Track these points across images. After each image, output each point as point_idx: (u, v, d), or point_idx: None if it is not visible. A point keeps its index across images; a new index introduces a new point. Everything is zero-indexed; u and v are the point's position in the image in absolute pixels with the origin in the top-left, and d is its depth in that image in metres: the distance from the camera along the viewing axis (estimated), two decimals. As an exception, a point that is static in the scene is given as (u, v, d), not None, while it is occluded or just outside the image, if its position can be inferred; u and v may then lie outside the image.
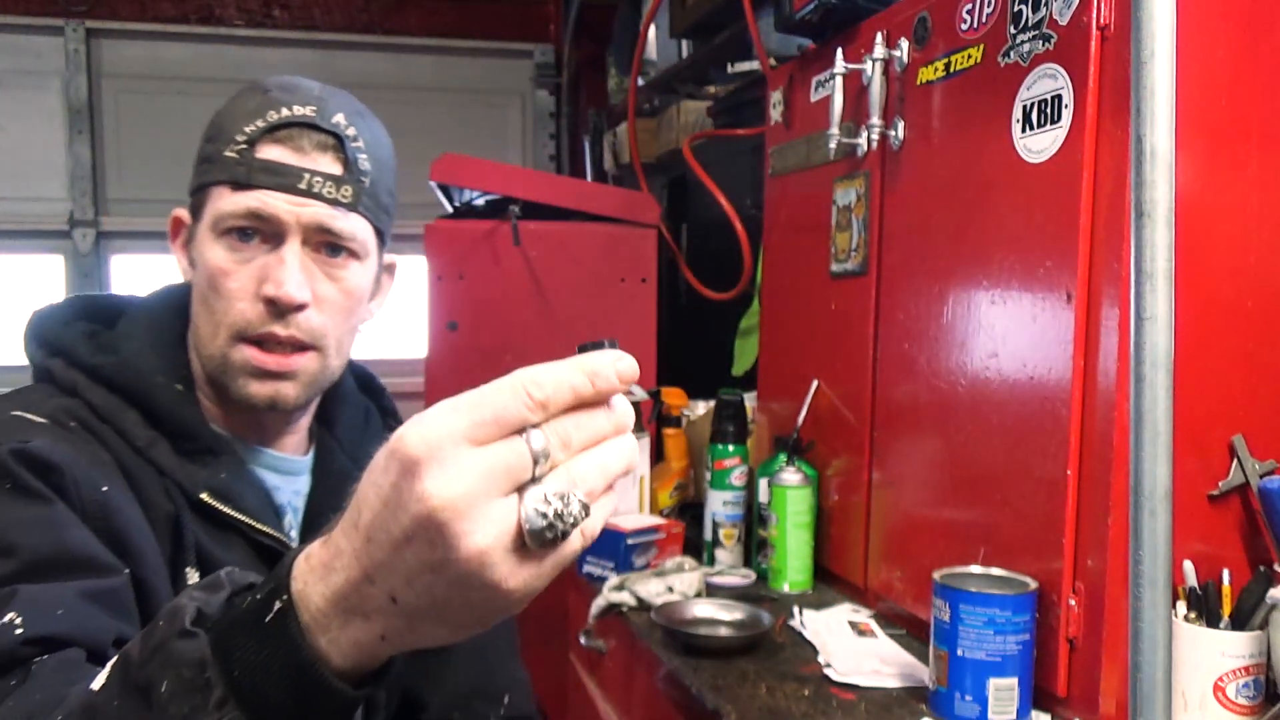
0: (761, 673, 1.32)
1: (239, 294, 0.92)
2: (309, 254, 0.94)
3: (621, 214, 2.30)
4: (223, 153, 0.92)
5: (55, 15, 3.45)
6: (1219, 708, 1.08)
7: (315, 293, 0.94)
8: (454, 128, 3.74)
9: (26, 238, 3.52)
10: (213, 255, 0.93)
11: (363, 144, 0.95)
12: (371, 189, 0.96)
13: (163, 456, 0.91)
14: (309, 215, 0.92)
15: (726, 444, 1.78)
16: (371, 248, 0.98)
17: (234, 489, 0.93)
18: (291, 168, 0.91)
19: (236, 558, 0.91)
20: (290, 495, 1.01)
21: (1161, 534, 0.98)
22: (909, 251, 1.46)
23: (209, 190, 0.94)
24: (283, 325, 0.93)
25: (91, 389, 0.92)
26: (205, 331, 0.95)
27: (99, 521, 0.83)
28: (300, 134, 0.92)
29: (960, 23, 1.33)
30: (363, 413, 1.12)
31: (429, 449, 0.51)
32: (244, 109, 0.94)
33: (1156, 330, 0.98)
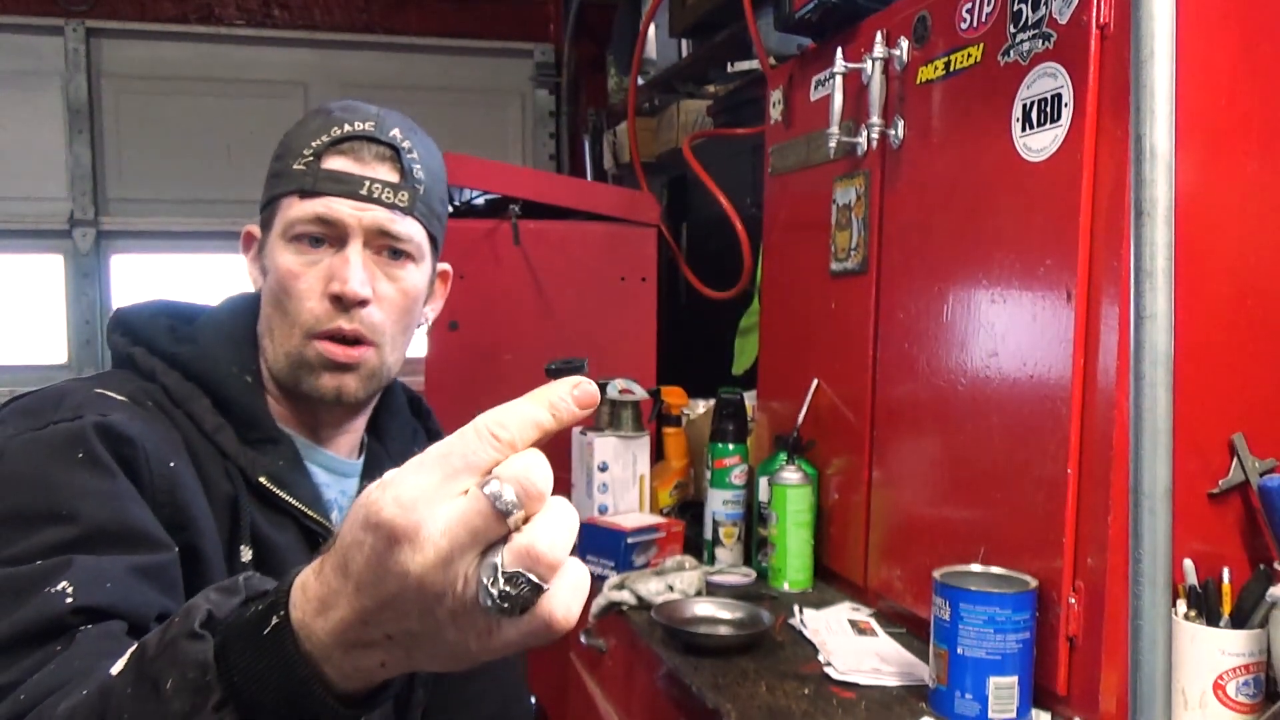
0: (762, 671, 1.33)
1: (308, 293, 1.01)
2: (370, 256, 1.03)
3: (621, 213, 2.29)
4: (291, 166, 1.02)
5: (55, 15, 3.44)
6: (1219, 706, 1.08)
7: (376, 291, 1.03)
8: (454, 128, 3.74)
9: (26, 237, 3.52)
10: (283, 260, 1.02)
11: (417, 155, 1.05)
12: (425, 196, 1.05)
13: (228, 441, 0.99)
14: (370, 218, 1.01)
15: (726, 443, 1.78)
16: (426, 252, 1.08)
17: (290, 477, 1.01)
18: (354, 176, 1.01)
19: (288, 540, 0.99)
20: (337, 494, 1.09)
21: (1161, 532, 0.98)
22: (909, 251, 1.46)
23: (279, 201, 1.03)
24: (347, 319, 1.01)
25: (168, 374, 1.00)
26: (280, 331, 1.03)
27: (164, 494, 0.90)
28: (361, 146, 1.02)
29: (960, 22, 1.33)
30: (410, 431, 1.22)
31: (405, 515, 0.51)
32: (310, 128, 1.04)
33: (1156, 329, 0.98)
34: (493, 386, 2.25)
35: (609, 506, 1.91)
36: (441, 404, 2.21)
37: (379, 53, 3.71)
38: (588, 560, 1.75)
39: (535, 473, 0.52)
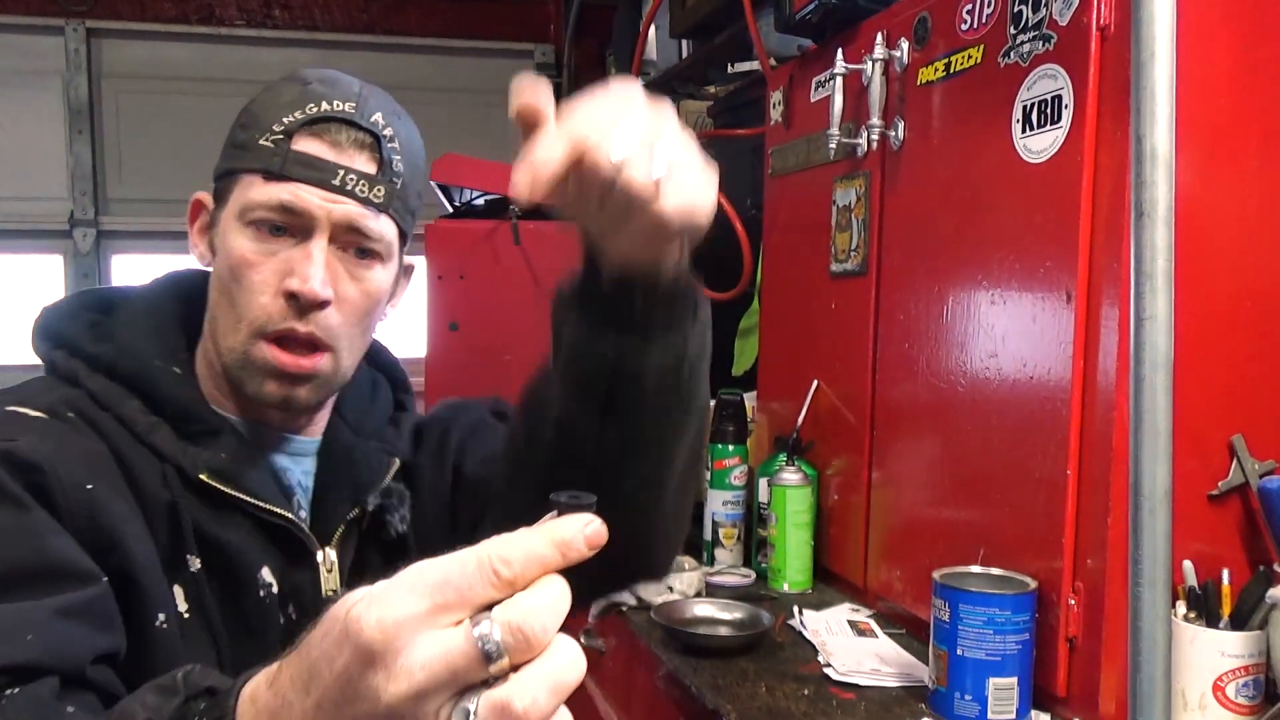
0: (761, 672, 1.33)
1: (261, 287, 0.90)
2: (335, 252, 0.92)
3: (621, 214, 2.29)
4: (257, 140, 0.90)
5: (55, 15, 3.45)
6: (1219, 707, 1.08)
7: (337, 292, 0.92)
8: (454, 128, 3.74)
9: (26, 237, 3.52)
10: (237, 244, 0.91)
11: (398, 144, 0.94)
12: (402, 191, 0.94)
13: (163, 441, 0.90)
14: (340, 212, 0.90)
15: (726, 444, 1.78)
16: (395, 250, 0.97)
17: (237, 469, 0.92)
18: (327, 163, 0.90)
19: (241, 538, 0.91)
20: (300, 475, 1.00)
21: (1161, 534, 0.98)
22: (909, 251, 1.46)
23: (239, 177, 0.92)
24: (302, 322, 0.91)
25: (92, 378, 0.91)
26: (226, 324, 0.93)
27: (84, 519, 0.81)
28: (339, 129, 0.91)
29: (960, 23, 1.33)
30: (369, 385, 1.10)
31: (386, 640, 0.47)
32: (282, 99, 0.92)
33: (1156, 330, 0.98)
34: (493, 387, 2.25)
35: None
36: (441, 404, 2.23)
37: (379, 53, 3.71)
38: (587, 561, 1.74)
39: (534, 620, 0.48)
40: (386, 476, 1.02)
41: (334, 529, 0.98)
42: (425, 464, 1.07)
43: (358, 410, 1.06)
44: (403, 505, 1.03)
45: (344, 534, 0.98)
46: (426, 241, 2.23)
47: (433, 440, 1.09)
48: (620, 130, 0.69)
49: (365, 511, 1.00)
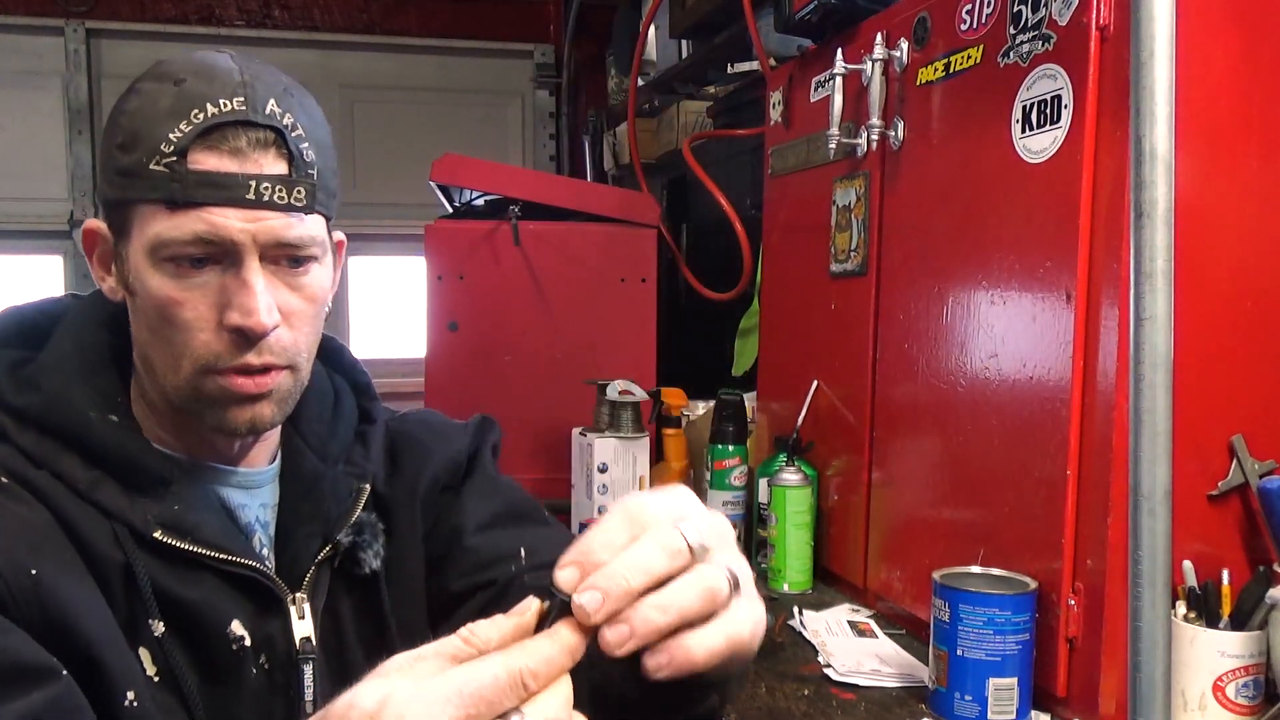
0: (761, 672, 1.33)
1: (198, 324, 0.81)
2: (268, 269, 0.83)
3: (621, 214, 2.29)
4: (147, 165, 0.79)
5: (55, 15, 3.45)
6: (1218, 708, 1.08)
7: (282, 308, 0.83)
8: (454, 128, 3.74)
9: (26, 238, 3.52)
10: (156, 285, 0.81)
11: (302, 131, 0.83)
12: (321, 180, 0.84)
13: (108, 497, 0.82)
14: (265, 231, 0.80)
15: (726, 444, 1.78)
16: (328, 244, 0.89)
17: (190, 520, 0.84)
18: (235, 177, 0.79)
19: (205, 594, 0.83)
20: (257, 510, 0.92)
21: (1161, 534, 0.98)
22: (909, 251, 1.46)
23: (135, 208, 0.81)
24: (255, 354, 0.82)
25: (22, 433, 0.82)
26: (163, 363, 0.84)
27: (32, 607, 0.74)
28: (236, 134, 0.79)
29: (960, 23, 1.33)
30: (330, 398, 1.00)
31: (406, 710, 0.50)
32: (158, 108, 0.80)
33: (1156, 330, 0.98)
34: (493, 387, 2.25)
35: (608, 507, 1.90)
36: (441, 404, 2.22)
37: (379, 53, 3.71)
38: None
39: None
40: (357, 508, 0.93)
41: (303, 571, 0.90)
42: (398, 490, 0.98)
43: (320, 430, 0.96)
44: (376, 540, 0.94)
45: (315, 575, 0.91)
46: (426, 241, 2.23)
47: (408, 467, 1.00)
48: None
49: (337, 548, 0.92)
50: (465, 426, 1.07)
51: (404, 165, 3.51)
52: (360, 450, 0.98)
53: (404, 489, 0.98)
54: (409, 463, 1.00)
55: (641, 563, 0.57)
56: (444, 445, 1.02)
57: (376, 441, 1.00)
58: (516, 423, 2.21)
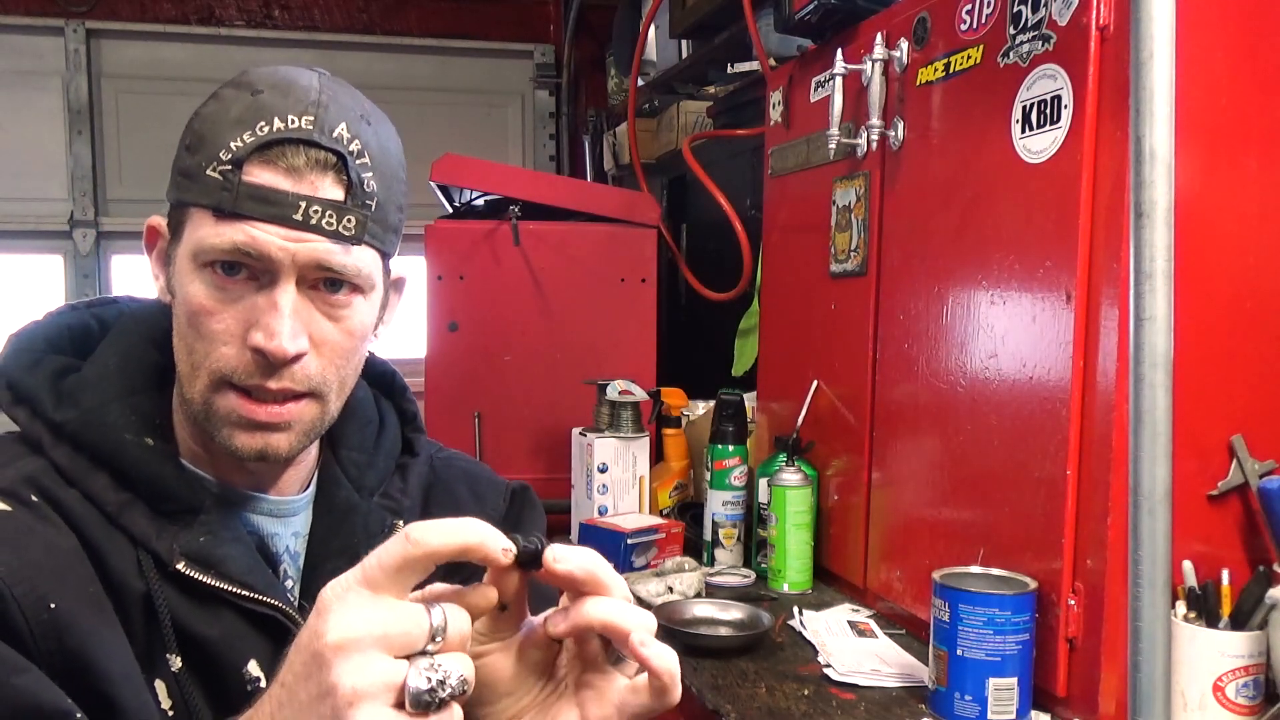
0: (761, 673, 1.33)
1: (223, 336, 0.80)
2: (305, 293, 0.80)
3: (621, 214, 2.29)
4: (205, 171, 0.79)
5: (55, 15, 3.45)
6: (1218, 708, 1.08)
7: (313, 336, 0.81)
8: (454, 128, 3.74)
9: (26, 238, 3.52)
10: (193, 291, 0.80)
11: (369, 159, 0.81)
12: (378, 213, 0.82)
13: (136, 523, 0.81)
14: (306, 253, 0.78)
15: (726, 444, 1.78)
16: (378, 279, 0.86)
17: (216, 553, 0.82)
18: (285, 195, 0.77)
19: (223, 632, 0.82)
20: (289, 540, 0.90)
21: (1161, 534, 0.98)
22: (909, 251, 1.46)
23: (189, 211, 0.81)
24: (275, 379, 0.80)
25: (56, 448, 0.82)
26: (185, 373, 0.83)
27: (51, 642, 0.73)
28: (295, 152, 0.78)
29: (960, 23, 1.33)
30: (374, 427, 0.98)
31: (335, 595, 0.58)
32: (230, 115, 0.79)
33: (1155, 330, 0.98)
34: (492, 387, 2.25)
35: (608, 507, 1.91)
36: (441, 404, 2.23)
37: (379, 54, 3.71)
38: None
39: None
40: None
41: None
42: None
43: (359, 459, 0.95)
44: None
45: None
46: (426, 241, 2.23)
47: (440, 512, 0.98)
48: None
49: None
50: (504, 490, 1.05)
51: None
52: (399, 484, 0.96)
53: None
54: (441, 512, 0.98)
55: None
56: (479, 504, 1.00)
57: (416, 476, 0.98)
58: (516, 423, 2.21)
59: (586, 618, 0.64)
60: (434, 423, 2.16)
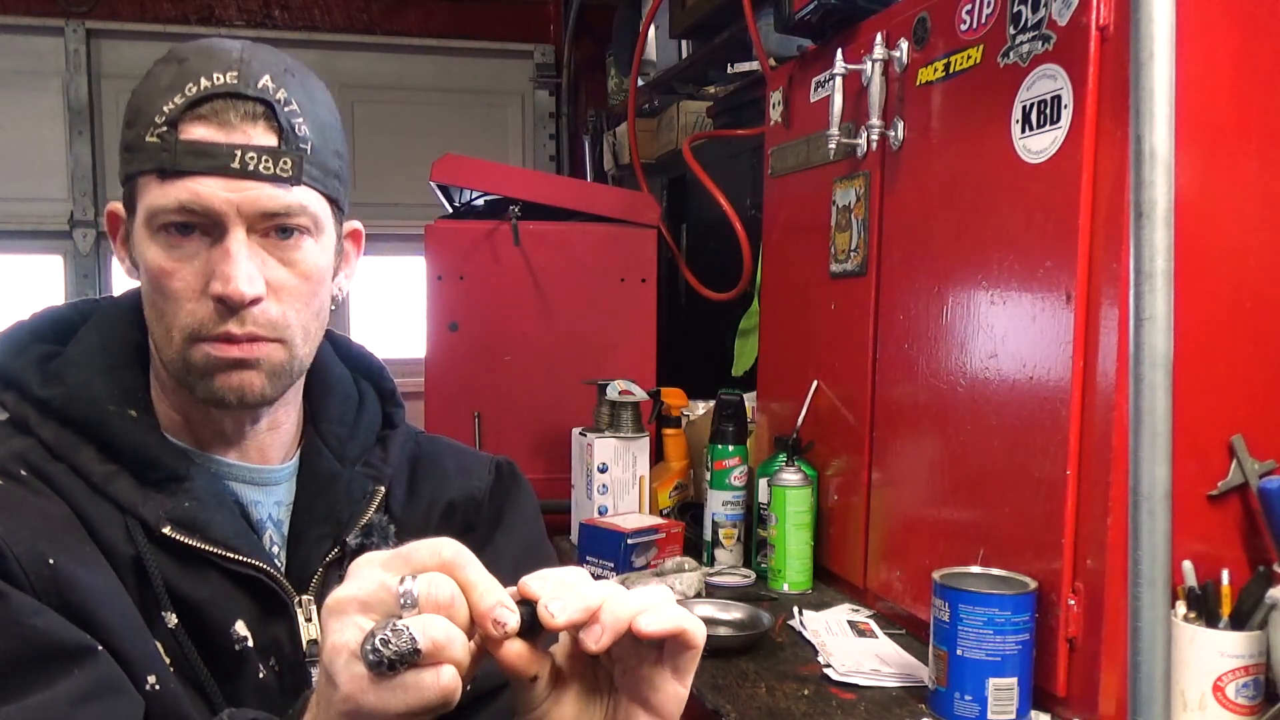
0: (761, 673, 1.33)
1: (185, 293, 0.83)
2: (257, 240, 0.84)
3: (621, 214, 2.30)
4: (144, 138, 0.82)
5: (55, 15, 3.45)
6: (1218, 708, 1.08)
7: (270, 281, 0.84)
8: (454, 128, 3.74)
9: (26, 238, 3.52)
10: (151, 255, 0.84)
11: (296, 106, 0.84)
12: (315, 155, 0.85)
13: (123, 491, 0.84)
14: (249, 200, 0.82)
15: (726, 444, 1.78)
16: (326, 220, 0.88)
17: (201, 517, 0.85)
18: (220, 146, 0.81)
19: (212, 593, 0.84)
20: (271, 508, 0.92)
21: (1161, 534, 0.98)
22: (909, 252, 1.46)
23: (137, 181, 0.84)
24: (238, 323, 0.83)
25: (43, 425, 0.85)
26: (159, 336, 0.86)
27: (54, 598, 0.76)
28: (225, 106, 0.81)
29: (960, 23, 1.33)
30: (354, 402, 1.01)
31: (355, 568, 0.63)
32: (160, 85, 0.83)
33: (1155, 330, 0.98)
34: (492, 387, 2.25)
35: (609, 508, 1.91)
36: (441, 404, 2.23)
37: (379, 53, 3.71)
38: (587, 562, 1.75)
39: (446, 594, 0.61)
40: (369, 509, 0.94)
41: (311, 572, 0.90)
42: (413, 509, 0.99)
43: (340, 431, 0.98)
44: (385, 542, 0.93)
45: (323, 577, 0.90)
46: (426, 241, 2.23)
47: (425, 488, 1.00)
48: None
49: (345, 551, 0.91)
50: (489, 463, 1.06)
51: (404, 165, 3.51)
52: (379, 454, 0.98)
53: (419, 509, 0.99)
54: (427, 485, 1.00)
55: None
56: (465, 477, 1.02)
57: (396, 447, 1.00)
58: (516, 423, 2.21)
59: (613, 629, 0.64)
60: (434, 423, 2.16)
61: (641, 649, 0.68)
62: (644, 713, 0.68)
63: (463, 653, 0.60)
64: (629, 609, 0.64)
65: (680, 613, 0.65)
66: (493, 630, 0.61)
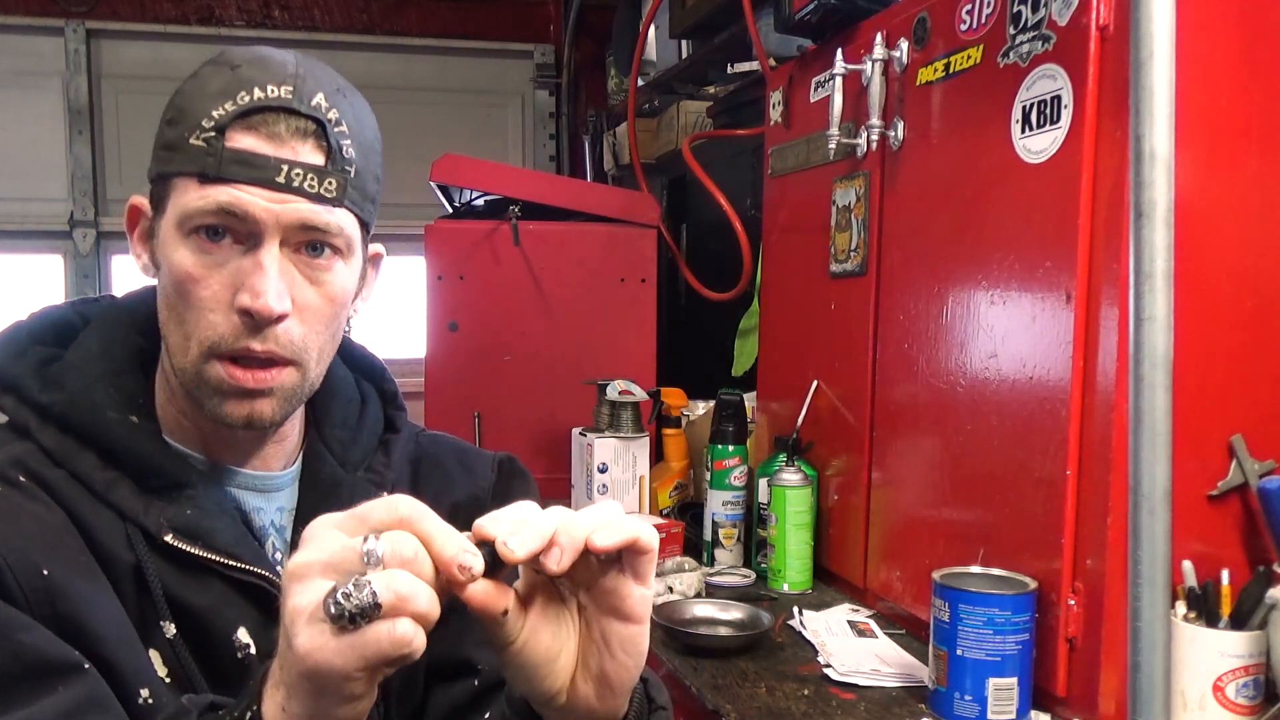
0: (761, 672, 1.33)
1: (210, 303, 0.82)
2: (288, 255, 0.83)
3: (621, 214, 2.30)
4: (188, 140, 0.81)
5: (55, 15, 3.45)
6: (1218, 708, 1.08)
7: (295, 300, 0.83)
8: (454, 128, 3.74)
9: (26, 238, 3.52)
10: (179, 258, 0.82)
11: (346, 128, 0.83)
12: (358, 179, 0.84)
13: (124, 499, 0.83)
14: (290, 213, 0.81)
15: (726, 444, 1.78)
16: (357, 243, 0.88)
17: (203, 525, 0.84)
18: (268, 159, 0.80)
19: (212, 600, 0.84)
20: (274, 514, 0.92)
21: (1161, 534, 0.98)
22: (909, 251, 1.46)
23: (172, 181, 0.83)
24: (260, 340, 0.82)
25: (43, 430, 0.84)
26: (175, 343, 0.85)
27: (45, 609, 0.76)
28: (276, 119, 0.80)
29: (960, 23, 1.33)
30: (356, 405, 1.00)
31: (307, 533, 0.62)
32: (210, 88, 0.82)
33: (1155, 331, 0.98)
34: (492, 387, 2.25)
35: (608, 507, 1.91)
36: (441, 404, 2.23)
37: (379, 53, 3.71)
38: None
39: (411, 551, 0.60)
40: None
41: None
42: None
43: (343, 436, 0.97)
44: None
45: None
46: (426, 241, 2.24)
47: (429, 489, 0.99)
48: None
49: None
50: (491, 461, 1.06)
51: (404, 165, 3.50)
52: (382, 458, 0.98)
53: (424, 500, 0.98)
54: (430, 487, 1.00)
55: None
56: (468, 477, 1.02)
57: (399, 450, 0.99)
58: (516, 423, 2.21)
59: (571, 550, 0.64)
60: (434, 423, 2.16)
61: (601, 563, 0.68)
62: (615, 620, 0.68)
63: (427, 605, 0.59)
64: (583, 528, 0.64)
65: (630, 522, 0.66)
66: (459, 575, 0.60)
